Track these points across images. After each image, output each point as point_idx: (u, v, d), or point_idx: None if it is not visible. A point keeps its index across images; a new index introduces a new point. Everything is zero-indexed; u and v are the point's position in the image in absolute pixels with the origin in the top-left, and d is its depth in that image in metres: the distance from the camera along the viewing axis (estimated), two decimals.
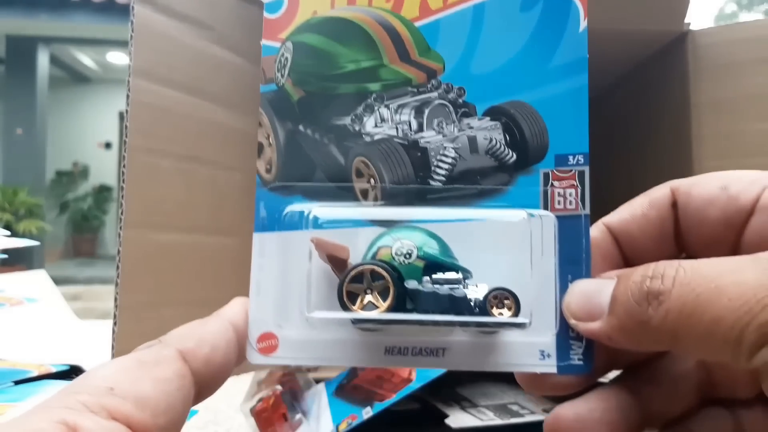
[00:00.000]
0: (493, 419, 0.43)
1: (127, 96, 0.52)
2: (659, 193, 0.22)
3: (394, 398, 0.45)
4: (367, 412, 0.45)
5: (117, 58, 5.52)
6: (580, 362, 0.21)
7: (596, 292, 0.20)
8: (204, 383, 0.19)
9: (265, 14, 0.23)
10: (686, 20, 0.61)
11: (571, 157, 0.22)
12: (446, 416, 0.45)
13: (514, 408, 0.46)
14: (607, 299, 0.19)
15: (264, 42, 0.23)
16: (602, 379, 0.23)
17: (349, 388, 0.53)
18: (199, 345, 0.19)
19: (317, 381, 0.59)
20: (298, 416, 0.50)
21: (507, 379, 0.53)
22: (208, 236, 0.58)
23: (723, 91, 0.62)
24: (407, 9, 0.23)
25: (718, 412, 0.21)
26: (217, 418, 0.70)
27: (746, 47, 0.61)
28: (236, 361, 0.20)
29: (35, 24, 4.52)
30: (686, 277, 0.17)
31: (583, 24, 0.23)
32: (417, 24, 0.23)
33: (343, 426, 0.45)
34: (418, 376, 0.47)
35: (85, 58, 5.67)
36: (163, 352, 0.18)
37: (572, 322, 0.20)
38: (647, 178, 0.77)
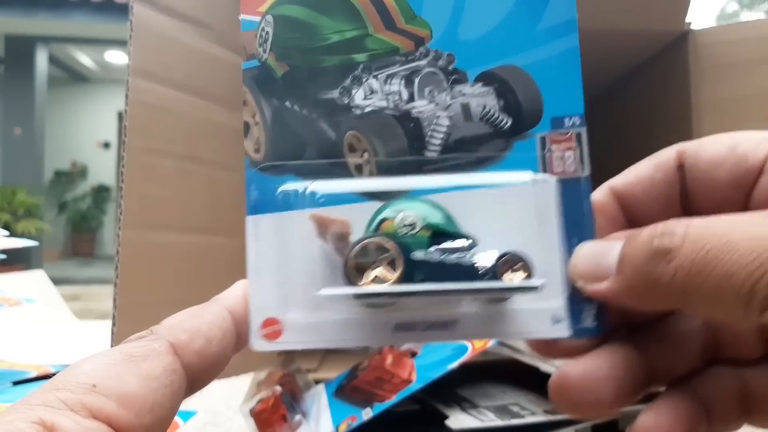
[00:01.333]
0: (493, 420, 0.43)
1: (126, 95, 0.52)
2: (665, 156, 0.22)
3: (394, 399, 0.45)
4: (367, 413, 0.45)
5: (116, 57, 5.51)
6: (593, 325, 0.21)
7: (603, 252, 0.19)
8: (197, 376, 0.18)
9: None
10: (687, 20, 0.61)
11: (567, 119, 0.22)
12: (446, 417, 0.44)
13: (515, 409, 0.46)
14: (614, 259, 0.19)
15: (242, 16, 0.22)
16: None
17: (348, 389, 0.53)
18: (192, 337, 0.18)
19: (317, 382, 0.59)
20: (298, 417, 0.50)
21: (507, 379, 0.53)
22: (206, 236, 0.58)
23: (724, 91, 0.62)
24: None
25: (724, 370, 0.21)
26: (216, 420, 0.70)
27: (747, 47, 0.61)
28: (234, 350, 0.20)
29: (34, 23, 4.51)
30: (696, 233, 0.17)
31: None
32: None
33: (342, 427, 0.45)
34: (419, 377, 0.47)
35: (84, 58, 5.66)
36: (153, 345, 0.18)
37: (579, 283, 0.20)
38: None
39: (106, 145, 6.25)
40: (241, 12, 0.22)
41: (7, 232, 0.69)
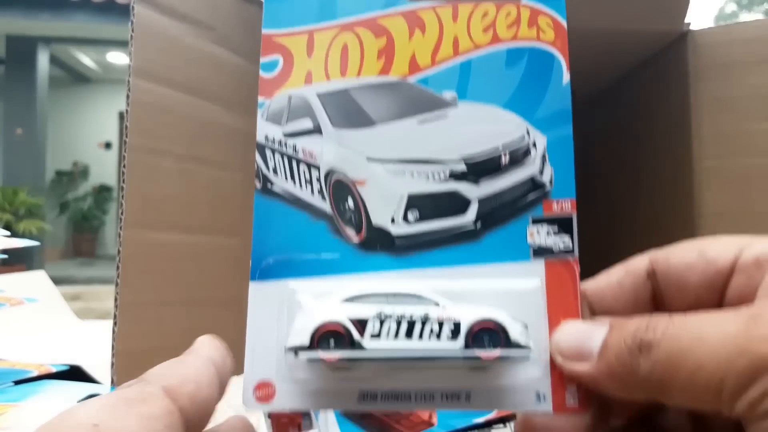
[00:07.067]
0: None
1: (127, 96, 0.52)
2: (636, 262, 0.23)
3: None
4: None
5: (117, 58, 5.52)
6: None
7: (587, 334, 0.20)
8: (191, 419, 0.18)
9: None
10: (686, 20, 0.62)
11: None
12: None
13: None
14: (597, 343, 0.20)
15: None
16: None
17: (364, 413, 0.52)
18: (182, 382, 0.18)
19: None
20: (313, 430, 0.50)
21: None
22: (208, 236, 0.58)
23: (722, 91, 0.62)
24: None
25: None
26: (216, 419, 0.70)
27: (746, 47, 0.61)
28: (219, 397, 0.20)
29: (35, 24, 4.52)
30: (674, 329, 0.18)
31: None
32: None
33: None
34: (440, 422, 0.46)
35: (85, 58, 5.67)
36: (147, 389, 0.18)
37: (559, 359, 0.21)
38: (648, 176, 0.77)
39: (108, 146, 6.25)
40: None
41: (8, 232, 0.70)
